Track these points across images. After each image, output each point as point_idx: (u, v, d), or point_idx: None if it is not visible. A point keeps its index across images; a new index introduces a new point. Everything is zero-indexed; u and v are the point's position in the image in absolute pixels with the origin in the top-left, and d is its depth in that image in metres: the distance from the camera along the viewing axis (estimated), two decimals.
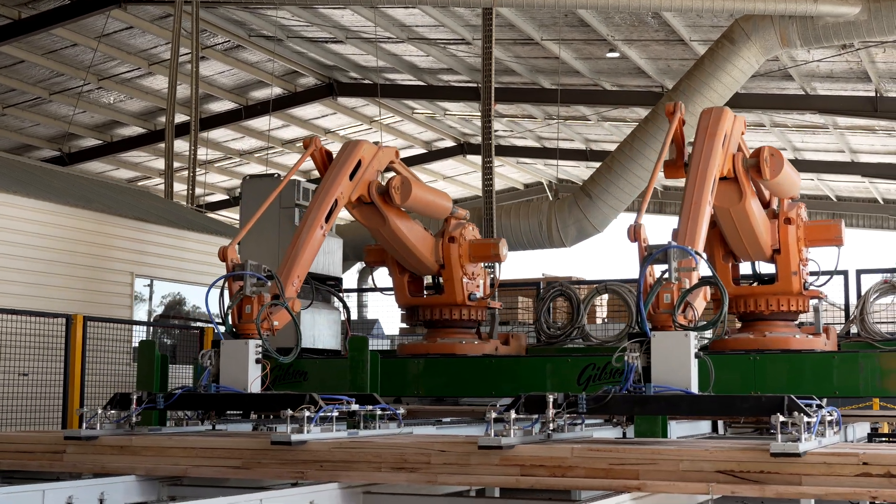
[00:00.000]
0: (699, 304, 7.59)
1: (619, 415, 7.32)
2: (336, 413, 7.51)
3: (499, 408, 6.90)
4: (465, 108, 33.15)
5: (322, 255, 11.98)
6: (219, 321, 8.56)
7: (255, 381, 8.34)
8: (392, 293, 11.79)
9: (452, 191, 39.97)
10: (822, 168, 34.32)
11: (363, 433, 7.92)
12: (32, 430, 11.85)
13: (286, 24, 26.48)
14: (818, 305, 10.51)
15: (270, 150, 34.99)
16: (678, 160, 9.19)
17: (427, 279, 11.76)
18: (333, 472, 7.11)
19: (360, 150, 10.03)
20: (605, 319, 18.55)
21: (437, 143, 37.76)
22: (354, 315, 20.42)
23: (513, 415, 6.81)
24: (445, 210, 11.22)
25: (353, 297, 25.20)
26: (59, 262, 14.85)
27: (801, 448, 6.10)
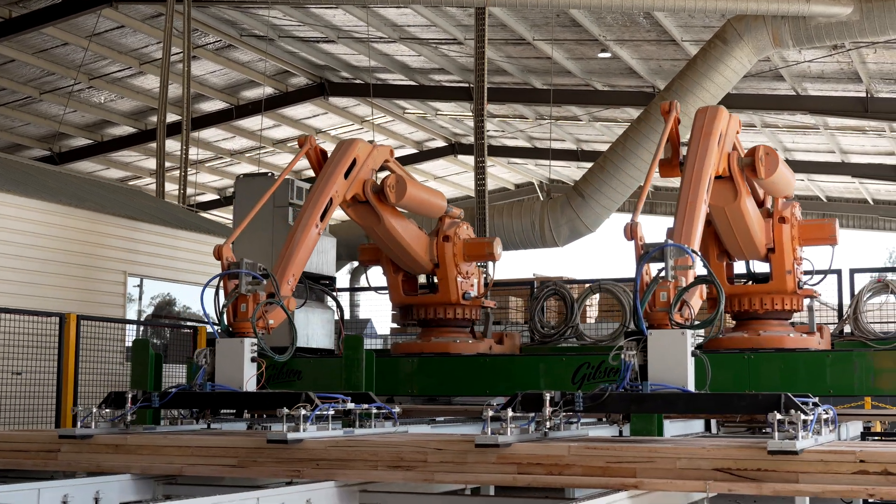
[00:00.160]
0: (695, 303, 7.59)
1: (616, 413, 7.33)
2: (332, 412, 7.50)
3: (495, 406, 6.89)
4: (457, 109, 33.12)
5: (316, 255, 11.96)
6: (214, 320, 8.55)
7: (251, 380, 8.32)
8: (386, 292, 11.78)
9: (443, 191, 39.81)
10: (813, 168, 34.34)
11: (359, 432, 7.91)
12: (26, 429, 11.81)
13: (278, 24, 26.43)
14: (812, 304, 10.53)
15: (261, 150, 34.92)
16: (673, 159, 9.21)
17: (421, 278, 11.76)
18: (330, 471, 7.10)
19: (355, 149, 10.02)
20: (596, 319, 18.56)
21: (429, 143, 37.71)
22: (347, 314, 20.39)
23: (510, 413, 6.80)
24: (440, 209, 11.22)
25: (346, 297, 25.21)
26: (53, 261, 14.80)
27: (799, 446, 6.12)
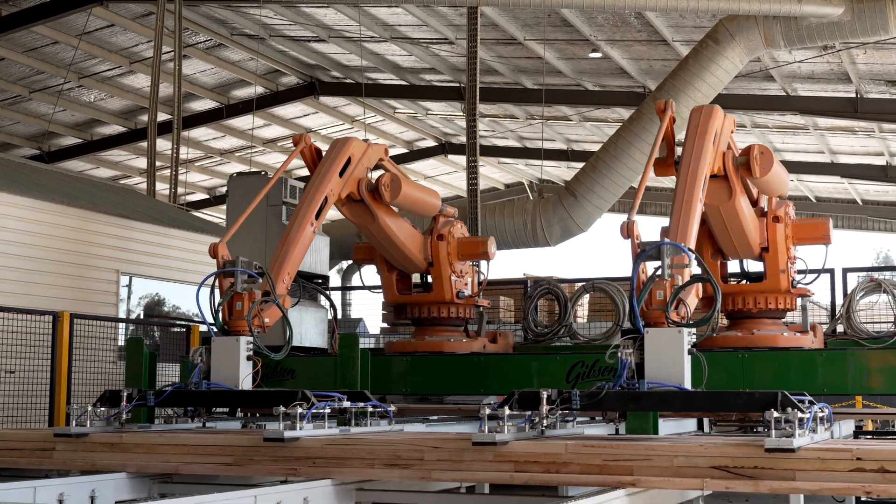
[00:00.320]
0: (691, 301, 7.60)
1: (613, 411, 7.33)
2: (328, 410, 7.49)
3: (486, 404, 6.90)
4: (447, 108, 33.12)
5: (309, 254, 11.90)
6: (209, 318, 8.53)
7: (247, 378, 8.31)
8: (380, 291, 11.78)
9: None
10: (802, 169, 34.42)
11: (355, 430, 7.91)
12: (20, 428, 11.77)
13: (268, 23, 26.39)
14: (805, 303, 10.56)
15: (252, 150, 34.87)
16: (668, 158, 9.21)
17: (415, 277, 11.75)
18: (326, 469, 7.09)
19: (350, 148, 10.01)
20: (586, 318, 18.56)
21: (419, 143, 37.70)
22: (339, 313, 20.35)
23: (507, 411, 6.81)
24: (434, 208, 11.21)
25: (337, 296, 25.15)
26: (45, 260, 14.77)
27: (796, 443, 6.13)
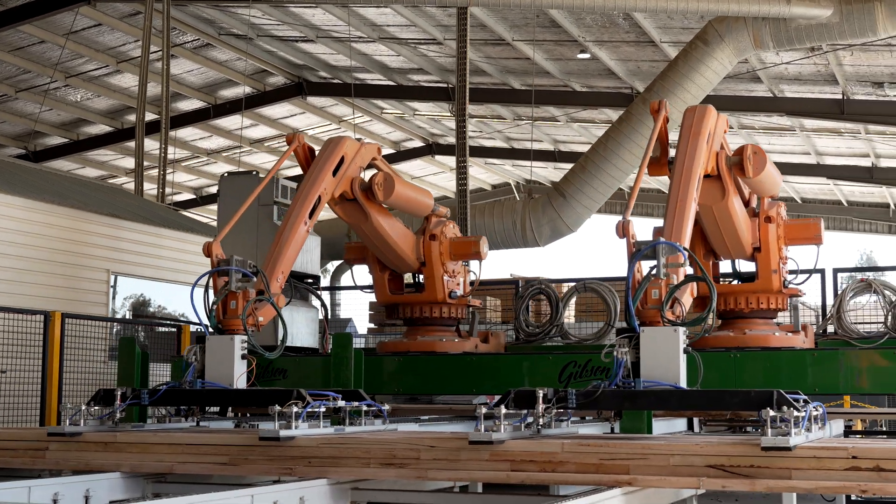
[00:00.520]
0: (686, 300, 7.62)
1: (609, 409, 7.35)
2: (324, 409, 7.48)
3: (480, 404, 6.91)
4: (435, 109, 33.12)
5: (301, 253, 11.89)
6: (203, 317, 8.51)
7: (241, 377, 8.29)
8: (372, 291, 11.76)
9: None
10: (788, 170, 34.50)
11: (349, 429, 7.88)
12: (12, 428, 11.72)
13: (256, 23, 26.35)
14: (797, 303, 10.59)
15: (239, 150, 34.80)
16: (662, 158, 9.24)
17: (407, 277, 11.74)
18: (322, 469, 7.07)
19: (343, 147, 10.01)
20: (573, 319, 18.57)
21: (406, 144, 37.71)
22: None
23: (503, 410, 6.81)
24: (427, 207, 11.20)
25: (326, 296, 25.11)
26: (35, 259, 14.71)
27: (792, 442, 6.14)
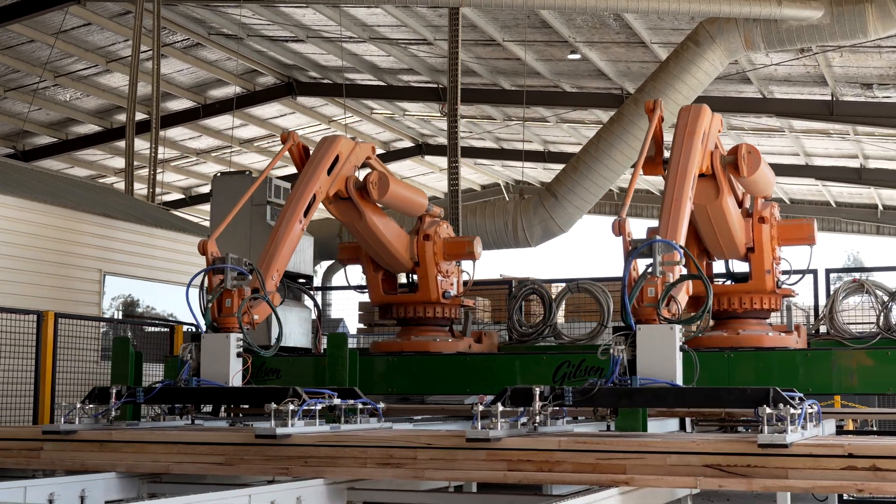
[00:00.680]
0: (682, 298, 7.64)
1: (606, 407, 7.35)
2: (320, 407, 7.47)
3: (473, 404, 6.91)
4: (425, 109, 33.11)
5: (293, 253, 11.92)
6: (199, 315, 8.50)
7: (237, 376, 8.28)
8: (365, 291, 11.75)
9: None
10: (777, 171, 33.99)
11: (345, 427, 7.88)
12: (6, 426, 11.67)
13: (246, 23, 26.31)
14: (790, 304, 10.62)
15: (228, 150, 34.74)
16: (657, 157, 9.25)
17: (401, 277, 11.72)
18: (319, 468, 7.06)
19: (338, 146, 10.00)
20: (563, 319, 18.58)
21: (396, 144, 37.69)
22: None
23: (500, 408, 6.82)
24: (421, 207, 11.19)
25: (317, 296, 25.06)
26: (27, 259, 14.65)
27: (788, 439, 6.17)
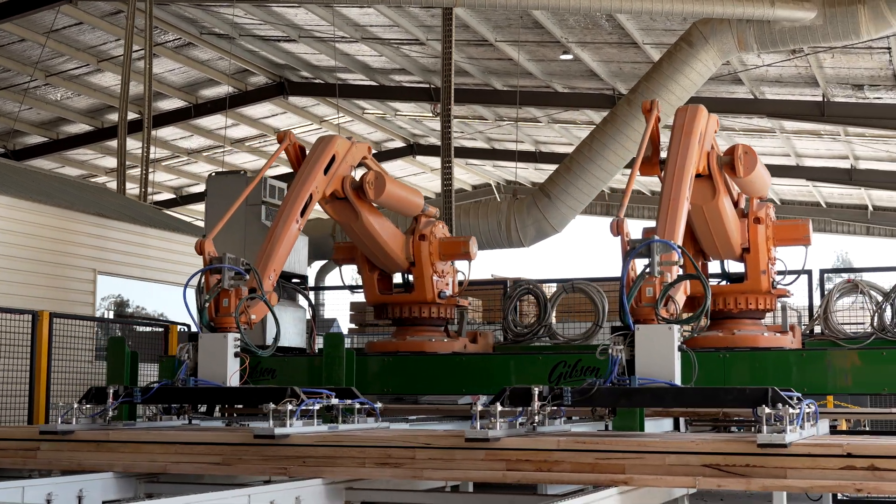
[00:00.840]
0: (680, 298, 7.65)
1: (604, 406, 7.36)
2: (318, 406, 7.47)
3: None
4: (416, 109, 33.10)
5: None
6: (195, 315, 8.49)
7: (234, 375, 8.27)
8: (360, 291, 11.74)
9: None
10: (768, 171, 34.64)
11: (342, 427, 7.88)
12: (3, 426, 11.64)
13: (238, 23, 26.28)
14: (785, 304, 10.64)
15: (219, 149, 34.69)
16: (653, 157, 9.25)
17: (396, 277, 11.71)
18: (317, 469, 7.05)
19: (335, 146, 9.99)
20: (555, 319, 18.56)
21: (387, 144, 37.68)
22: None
23: (499, 407, 6.83)
24: (417, 207, 11.18)
25: (311, 296, 25.06)
26: (22, 259, 14.62)
27: (787, 439, 6.18)
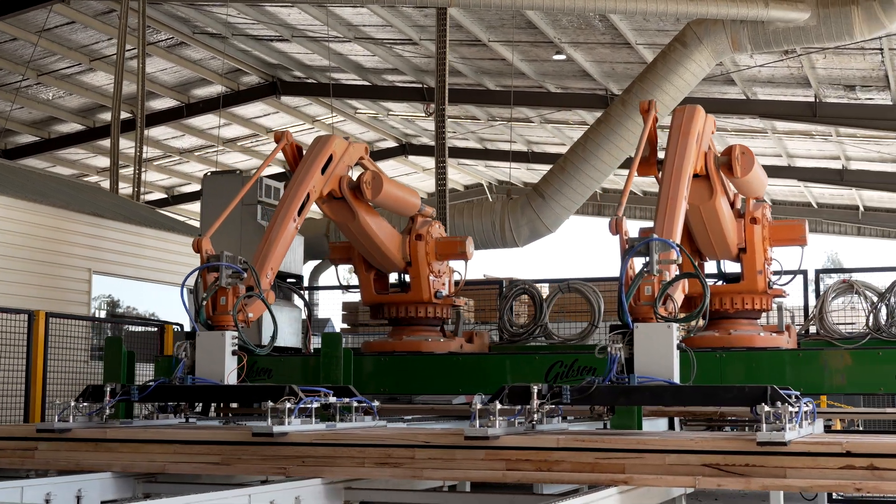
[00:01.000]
0: (678, 297, 7.67)
1: (604, 405, 7.38)
2: (316, 404, 7.46)
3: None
4: (409, 109, 33.09)
5: None
6: (193, 314, 8.48)
7: (232, 374, 8.26)
8: (357, 291, 11.73)
9: None
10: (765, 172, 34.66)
11: (340, 426, 7.87)
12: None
13: (231, 22, 26.24)
14: (781, 304, 10.66)
15: (211, 149, 34.64)
16: (651, 158, 9.27)
17: (392, 277, 11.71)
18: (316, 468, 7.05)
19: (332, 145, 9.99)
20: (549, 318, 18.55)
21: (380, 144, 37.65)
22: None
23: (497, 406, 6.83)
24: (414, 207, 11.18)
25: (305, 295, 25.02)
26: (17, 258, 14.57)
27: (787, 437, 6.20)
